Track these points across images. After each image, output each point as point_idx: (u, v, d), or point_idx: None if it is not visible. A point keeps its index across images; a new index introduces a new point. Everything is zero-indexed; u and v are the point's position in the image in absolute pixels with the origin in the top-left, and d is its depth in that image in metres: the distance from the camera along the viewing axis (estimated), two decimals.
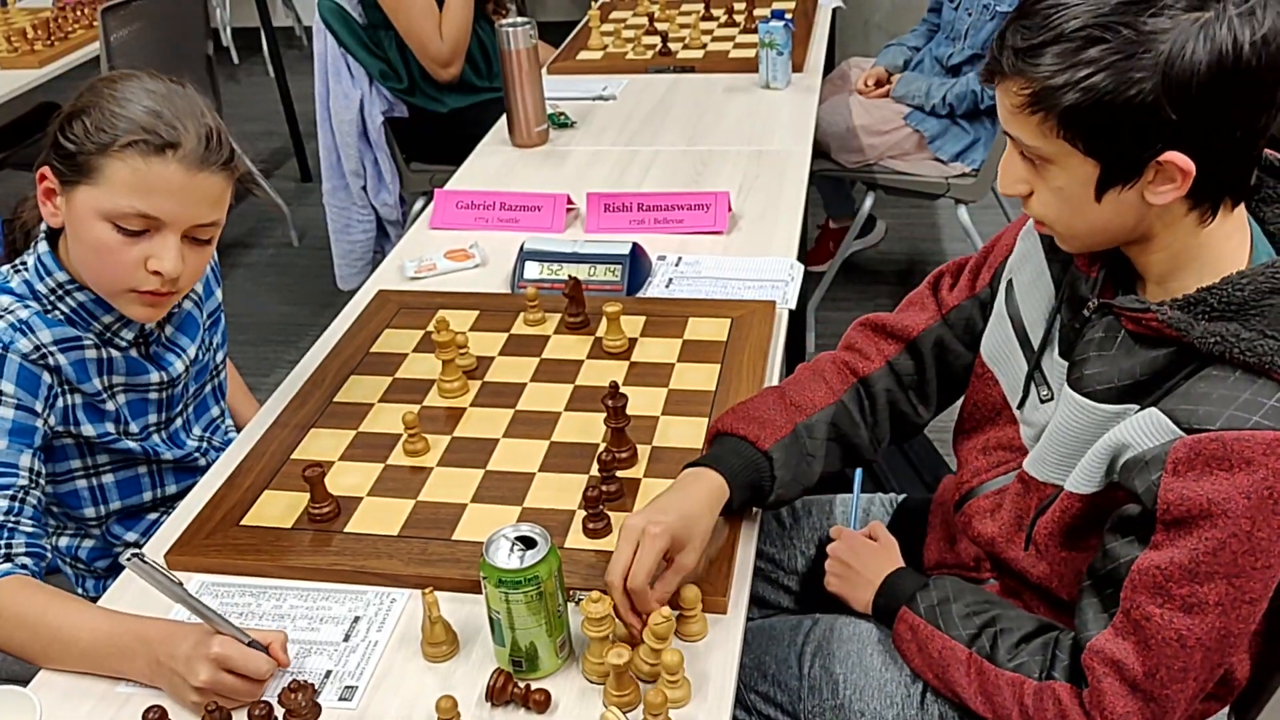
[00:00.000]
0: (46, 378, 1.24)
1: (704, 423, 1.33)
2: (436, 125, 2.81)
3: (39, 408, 1.22)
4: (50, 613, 1.08)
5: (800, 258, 1.75)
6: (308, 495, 1.22)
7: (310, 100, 2.93)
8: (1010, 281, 1.22)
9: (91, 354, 1.28)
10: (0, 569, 1.12)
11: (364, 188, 2.88)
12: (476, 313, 1.60)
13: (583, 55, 2.72)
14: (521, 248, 1.72)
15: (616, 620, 1.01)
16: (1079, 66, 0.91)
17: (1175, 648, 0.96)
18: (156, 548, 1.22)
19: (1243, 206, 1.01)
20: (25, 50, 3.12)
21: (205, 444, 1.47)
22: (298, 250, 3.82)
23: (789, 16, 2.45)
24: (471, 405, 1.40)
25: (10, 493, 1.17)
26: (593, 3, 3.07)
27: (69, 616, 1.08)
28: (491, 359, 1.49)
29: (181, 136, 1.18)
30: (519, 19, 2.20)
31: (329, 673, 1.05)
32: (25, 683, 1.07)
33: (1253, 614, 0.96)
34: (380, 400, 1.42)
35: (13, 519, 1.16)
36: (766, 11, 2.58)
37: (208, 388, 1.49)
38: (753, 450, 1.18)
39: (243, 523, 1.22)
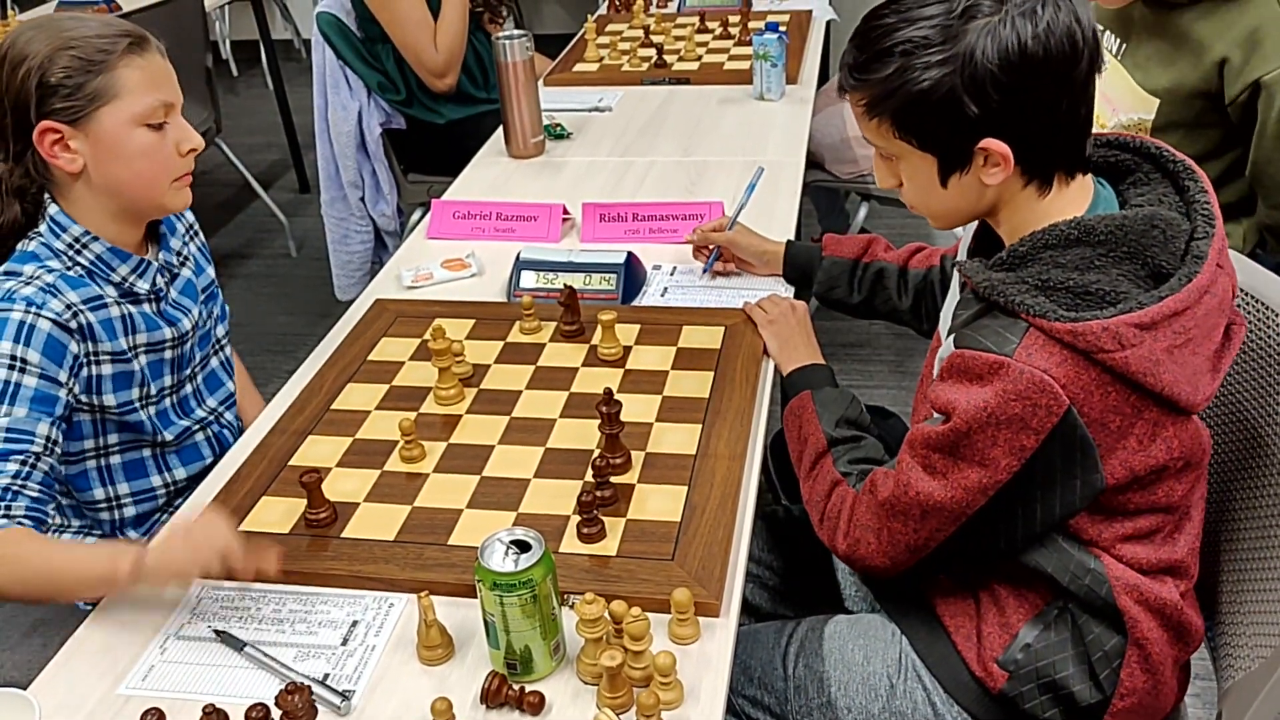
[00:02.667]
0: (74, 346, 1.28)
1: (697, 429, 1.35)
2: (434, 136, 2.83)
3: (63, 377, 1.27)
4: (57, 553, 1.16)
5: None
6: (305, 501, 1.23)
7: (309, 112, 2.95)
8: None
9: (115, 311, 1.34)
10: None
11: (362, 199, 2.89)
12: (473, 321, 1.62)
13: (579, 67, 2.74)
14: (517, 257, 1.74)
15: (610, 623, 1.03)
16: (900, 74, 1.06)
17: (903, 489, 1.13)
18: None
19: (1088, 178, 1.13)
20: None
21: (214, 417, 1.52)
22: (296, 261, 3.84)
23: (783, 29, 2.47)
24: (467, 412, 1.42)
25: (21, 458, 1.20)
26: (589, 15, 3.09)
27: (75, 549, 1.19)
28: (487, 367, 1.51)
29: (135, 32, 1.31)
30: (515, 31, 2.22)
31: (326, 675, 1.07)
32: (25, 686, 1.08)
33: (966, 499, 1.09)
34: (377, 407, 1.44)
35: (19, 482, 1.19)
36: (761, 24, 2.60)
37: (214, 360, 1.55)
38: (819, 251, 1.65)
39: (240, 528, 1.24)
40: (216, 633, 1.12)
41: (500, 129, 2.29)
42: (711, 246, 1.71)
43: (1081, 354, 1.02)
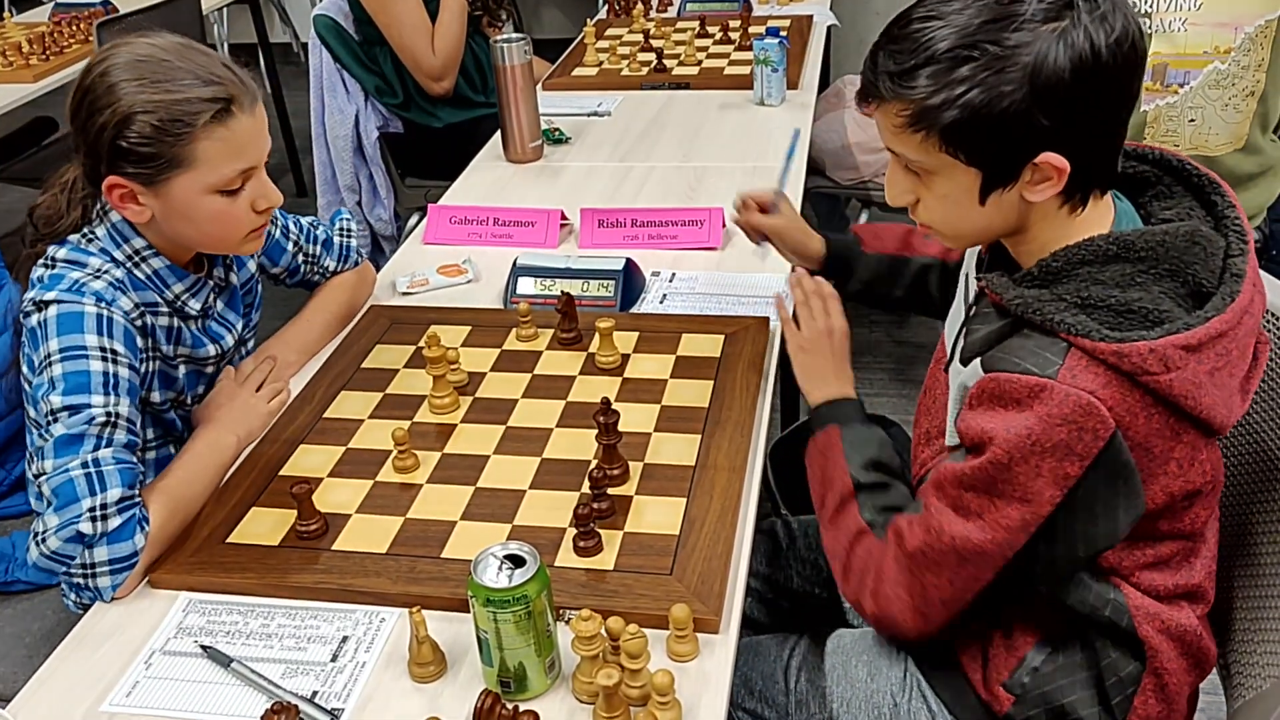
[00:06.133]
0: (139, 341, 1.29)
1: (696, 439, 1.32)
2: (431, 140, 2.81)
3: (139, 368, 1.29)
4: (195, 491, 1.26)
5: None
6: (295, 512, 1.21)
7: (306, 116, 2.93)
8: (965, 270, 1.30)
9: (164, 321, 1.35)
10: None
11: (359, 203, 2.87)
12: (469, 328, 1.59)
13: (578, 71, 2.72)
14: (515, 263, 1.72)
15: (606, 640, 1.00)
16: (953, 85, 0.97)
17: (935, 535, 1.06)
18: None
19: (1109, 195, 1.08)
20: (20, 64, 3.11)
21: None
22: None
23: (784, 34, 2.45)
24: (462, 421, 1.39)
25: (133, 447, 1.23)
26: (588, 19, 3.07)
27: (197, 477, 1.27)
28: (483, 375, 1.48)
29: (231, 88, 1.25)
30: (514, 35, 2.20)
31: (315, 693, 1.04)
32: (8, 700, 1.06)
33: (1009, 540, 1.02)
34: (370, 416, 1.41)
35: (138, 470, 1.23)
36: (761, 29, 2.58)
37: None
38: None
39: (229, 540, 1.21)
40: (203, 648, 1.09)
41: (498, 133, 2.27)
42: (758, 234, 1.57)
43: (1125, 376, 0.97)
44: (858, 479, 1.20)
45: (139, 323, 1.29)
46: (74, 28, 3.38)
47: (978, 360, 1.07)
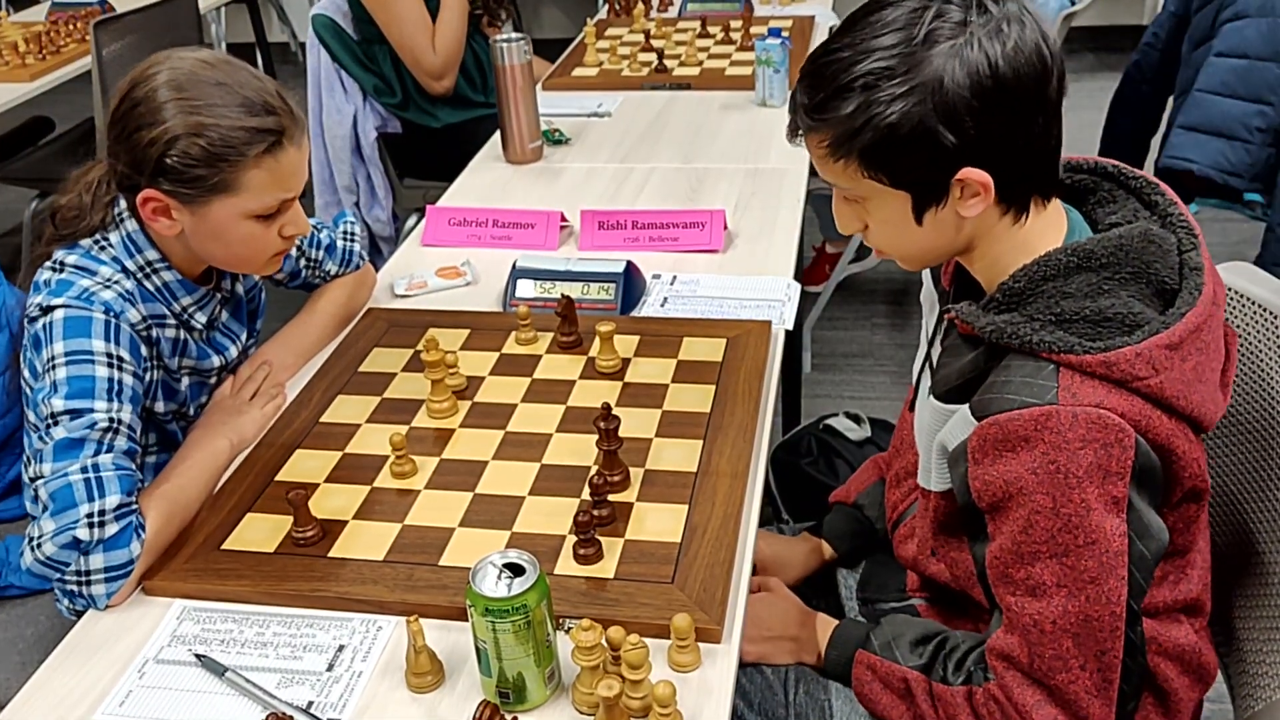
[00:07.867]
0: (144, 350, 1.29)
1: (698, 445, 1.31)
2: (430, 141, 2.79)
3: (143, 377, 1.29)
4: (189, 495, 1.25)
5: (796, 277, 1.73)
6: (291, 518, 1.19)
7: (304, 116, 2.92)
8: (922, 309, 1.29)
9: (171, 333, 1.35)
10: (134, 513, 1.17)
11: (357, 204, 2.85)
12: (467, 331, 1.58)
13: (578, 71, 2.70)
14: (514, 265, 1.70)
15: (607, 650, 0.98)
16: (862, 111, 0.98)
17: (1037, 634, 0.99)
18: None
19: (1057, 202, 1.07)
20: (16, 64, 3.10)
21: None
22: None
23: (786, 34, 2.43)
24: (461, 426, 1.38)
25: (134, 454, 1.22)
26: (588, 19, 3.06)
27: (193, 482, 1.26)
28: (482, 379, 1.47)
29: (283, 121, 1.26)
30: (514, 34, 2.18)
31: (310, 703, 1.02)
32: (2, 708, 1.04)
33: (1104, 594, 0.97)
34: (367, 421, 1.40)
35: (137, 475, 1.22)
36: (763, 29, 2.56)
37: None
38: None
39: (224, 546, 1.19)
40: (197, 657, 1.07)
41: (497, 134, 2.25)
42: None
43: (1116, 384, 0.96)
44: (918, 664, 1.12)
45: (145, 334, 1.29)
46: (71, 27, 3.36)
47: (965, 407, 1.04)
